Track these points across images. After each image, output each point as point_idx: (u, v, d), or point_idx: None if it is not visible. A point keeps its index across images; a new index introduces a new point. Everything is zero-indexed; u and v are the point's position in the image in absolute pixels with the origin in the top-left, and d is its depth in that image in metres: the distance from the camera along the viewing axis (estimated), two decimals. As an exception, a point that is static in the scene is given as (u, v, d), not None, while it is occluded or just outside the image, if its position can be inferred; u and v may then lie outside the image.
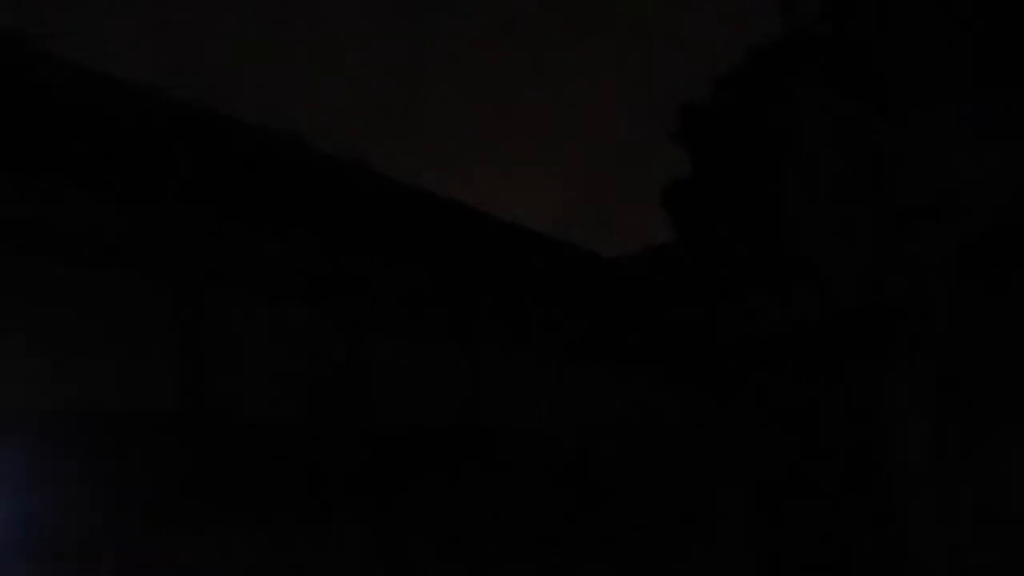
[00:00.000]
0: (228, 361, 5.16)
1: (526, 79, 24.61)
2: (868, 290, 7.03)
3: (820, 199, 7.73)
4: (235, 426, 5.26)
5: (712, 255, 8.42)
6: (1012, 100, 6.84)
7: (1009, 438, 6.31)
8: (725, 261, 8.20)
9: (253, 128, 5.42)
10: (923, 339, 6.71)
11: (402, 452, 6.02)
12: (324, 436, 5.74)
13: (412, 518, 5.70)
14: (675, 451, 6.90)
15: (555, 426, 6.88)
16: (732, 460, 7.18)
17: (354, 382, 5.90)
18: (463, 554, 5.72)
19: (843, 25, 7.90)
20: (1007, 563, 5.90)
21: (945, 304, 6.68)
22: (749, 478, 7.12)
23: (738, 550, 6.24)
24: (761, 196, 8.23)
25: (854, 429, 6.91)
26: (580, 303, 8.13)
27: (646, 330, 7.98)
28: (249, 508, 4.92)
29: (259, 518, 4.87)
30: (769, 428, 7.24)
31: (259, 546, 4.79)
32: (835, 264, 7.14)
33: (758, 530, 6.47)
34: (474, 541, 5.79)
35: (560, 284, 7.83)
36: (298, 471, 5.40)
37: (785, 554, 6.40)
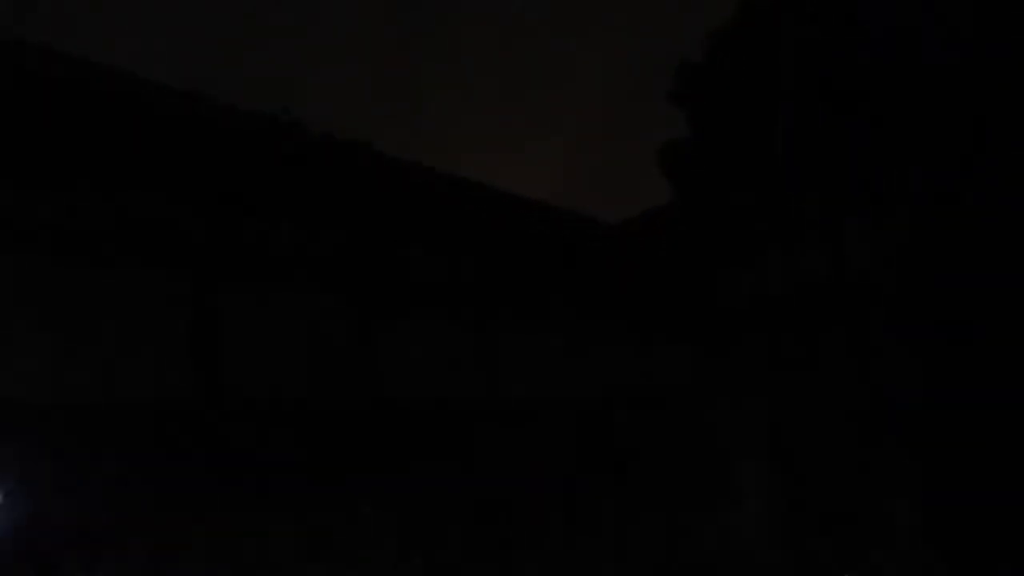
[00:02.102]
0: (243, 349, 5.14)
1: (519, 59, 24.35)
2: (874, 241, 6.96)
3: (818, 148, 7.63)
4: (251, 412, 5.25)
5: (714, 214, 8.34)
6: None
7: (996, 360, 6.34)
8: (728, 220, 8.12)
9: (256, 118, 5.34)
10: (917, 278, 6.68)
11: (415, 429, 6.02)
12: (338, 417, 5.72)
13: (428, 493, 5.71)
14: (689, 412, 6.90)
15: (570, 397, 6.87)
16: (743, 417, 7.19)
17: (366, 364, 5.88)
18: (482, 526, 5.74)
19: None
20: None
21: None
22: (761, 434, 7.14)
23: (760, 499, 6.28)
24: (761, 151, 8.12)
25: (858, 375, 6.91)
26: (587, 270, 8.07)
27: (653, 292, 7.93)
28: (267, 489, 4.93)
29: (277, 498, 4.88)
30: (777, 384, 7.23)
31: (278, 526, 4.81)
32: (838, 215, 7.06)
33: (775, 481, 6.50)
34: (493, 511, 5.80)
35: (567, 252, 7.77)
36: (313, 452, 5.40)
37: (802, 500, 6.45)
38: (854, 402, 6.85)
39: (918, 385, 6.49)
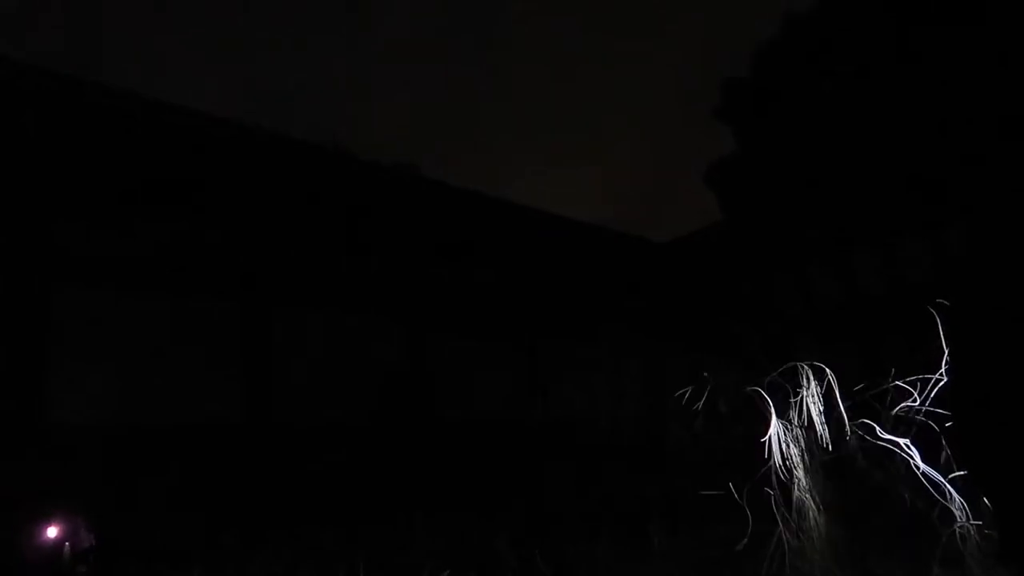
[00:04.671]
0: (293, 373, 5.31)
1: (567, 86, 24.67)
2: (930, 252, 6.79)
3: (869, 164, 7.51)
4: (300, 434, 5.41)
5: (764, 230, 8.27)
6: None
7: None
8: (779, 236, 8.04)
9: (309, 148, 5.56)
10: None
11: (465, 449, 6.07)
12: (389, 438, 5.84)
13: (478, 509, 5.74)
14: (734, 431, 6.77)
15: (615, 414, 6.83)
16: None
17: (419, 385, 5.97)
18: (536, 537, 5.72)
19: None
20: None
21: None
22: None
23: (819, 514, 6.09)
24: (810, 166, 8.03)
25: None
26: (636, 290, 8.07)
27: (704, 309, 7.87)
28: (320, 510, 5.04)
29: (331, 519, 4.99)
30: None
31: (333, 545, 4.90)
32: (890, 232, 6.92)
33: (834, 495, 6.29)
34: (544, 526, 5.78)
35: (617, 273, 7.80)
36: (365, 472, 5.52)
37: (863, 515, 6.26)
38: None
39: (982, 397, 6.25)
